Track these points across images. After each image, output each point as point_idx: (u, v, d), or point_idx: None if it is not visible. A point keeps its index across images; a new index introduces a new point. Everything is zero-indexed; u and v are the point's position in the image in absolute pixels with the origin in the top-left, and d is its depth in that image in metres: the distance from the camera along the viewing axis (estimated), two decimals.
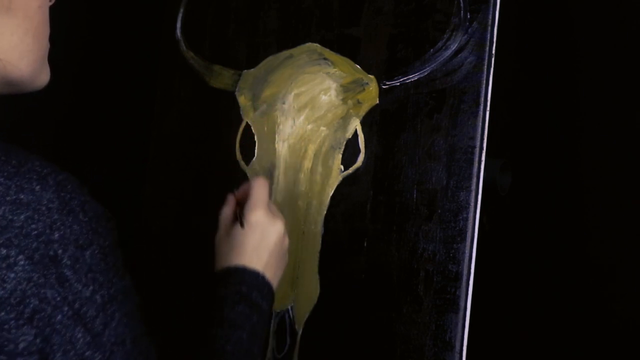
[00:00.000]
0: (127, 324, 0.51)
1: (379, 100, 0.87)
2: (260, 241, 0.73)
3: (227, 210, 0.78)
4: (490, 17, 0.80)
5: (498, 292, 1.15)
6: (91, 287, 0.48)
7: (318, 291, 0.88)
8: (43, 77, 0.56)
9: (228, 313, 0.68)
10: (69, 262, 0.47)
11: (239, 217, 0.76)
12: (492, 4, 0.80)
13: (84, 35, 1.20)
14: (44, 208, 0.47)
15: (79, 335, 0.47)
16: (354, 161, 0.88)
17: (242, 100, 0.96)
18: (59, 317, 0.47)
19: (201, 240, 1.01)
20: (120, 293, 0.50)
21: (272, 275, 0.73)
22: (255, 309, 0.69)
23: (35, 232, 0.46)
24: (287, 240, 0.76)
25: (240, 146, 0.95)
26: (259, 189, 0.75)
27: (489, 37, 0.80)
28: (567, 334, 1.20)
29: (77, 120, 1.20)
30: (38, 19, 0.54)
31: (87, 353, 0.48)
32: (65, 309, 0.47)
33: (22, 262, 0.45)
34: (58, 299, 0.46)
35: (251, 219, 0.73)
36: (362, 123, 0.88)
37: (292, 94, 0.91)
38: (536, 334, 1.23)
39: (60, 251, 0.47)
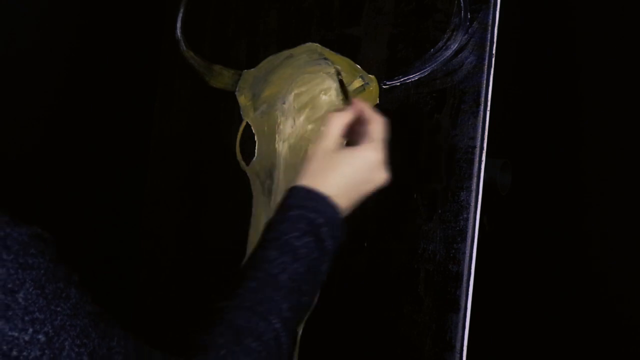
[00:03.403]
0: (80, 344, 0.45)
1: (379, 100, 0.87)
2: (366, 180, 0.65)
3: (345, 119, 0.68)
4: (490, 17, 0.80)
5: (498, 292, 1.15)
6: (30, 330, 0.43)
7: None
8: None
9: (295, 240, 0.60)
10: None
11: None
12: (492, 4, 0.80)
13: (85, 35, 1.21)
14: None
15: None
16: None
17: (242, 100, 0.96)
18: None
19: (201, 240, 1.01)
20: (68, 318, 0.45)
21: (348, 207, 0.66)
22: (319, 247, 0.61)
23: None
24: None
25: (240, 146, 0.95)
26: (380, 126, 0.67)
27: (489, 37, 0.80)
28: (567, 334, 1.20)
29: (77, 120, 1.20)
30: None
31: None
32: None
33: None
34: None
35: (373, 150, 0.65)
36: None
37: (292, 93, 0.91)
38: (536, 334, 1.23)
39: None
